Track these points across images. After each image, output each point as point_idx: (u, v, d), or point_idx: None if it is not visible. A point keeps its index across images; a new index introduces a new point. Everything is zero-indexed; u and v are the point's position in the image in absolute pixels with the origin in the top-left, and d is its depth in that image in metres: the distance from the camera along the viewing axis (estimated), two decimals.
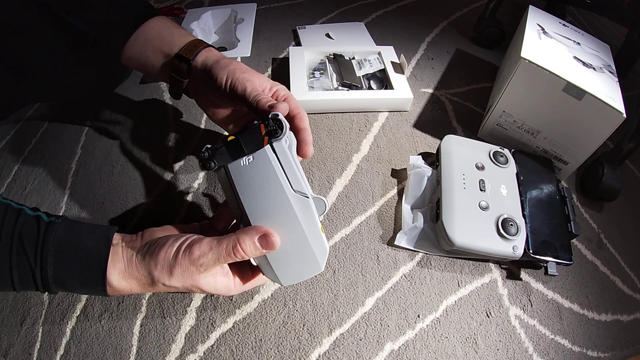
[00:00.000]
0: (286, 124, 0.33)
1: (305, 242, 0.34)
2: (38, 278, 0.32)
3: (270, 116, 0.34)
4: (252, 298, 0.41)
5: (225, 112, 0.47)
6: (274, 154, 0.33)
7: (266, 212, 0.33)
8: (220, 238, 0.34)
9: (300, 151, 0.40)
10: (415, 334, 0.40)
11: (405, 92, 0.60)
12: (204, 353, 0.38)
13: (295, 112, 0.40)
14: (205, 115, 0.59)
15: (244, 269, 0.38)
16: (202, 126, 0.57)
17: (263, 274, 0.36)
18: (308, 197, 0.33)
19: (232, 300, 0.41)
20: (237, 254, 0.33)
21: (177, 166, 0.52)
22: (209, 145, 0.34)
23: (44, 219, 0.34)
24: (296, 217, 0.33)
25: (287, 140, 0.34)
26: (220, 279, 0.35)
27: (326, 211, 0.35)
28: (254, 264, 0.37)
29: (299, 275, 0.35)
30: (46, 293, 0.40)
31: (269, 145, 0.33)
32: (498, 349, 0.40)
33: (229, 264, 0.36)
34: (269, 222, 0.33)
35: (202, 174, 0.51)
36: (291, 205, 0.33)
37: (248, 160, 0.33)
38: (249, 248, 0.33)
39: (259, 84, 0.41)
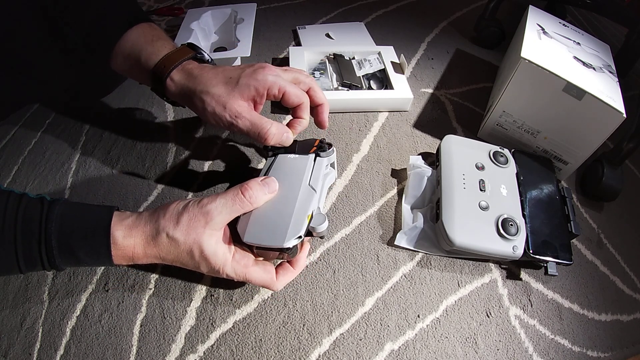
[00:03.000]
0: (334, 150, 0.45)
1: (287, 216, 0.37)
2: (43, 250, 0.32)
3: (326, 141, 0.45)
4: (252, 298, 0.41)
5: None
6: (313, 162, 0.42)
7: (280, 183, 0.39)
8: (227, 189, 0.37)
9: (292, 127, 0.44)
10: (415, 334, 0.40)
11: (405, 92, 0.60)
12: (204, 353, 0.38)
13: (296, 105, 0.43)
14: None
15: (247, 259, 0.37)
16: (202, 126, 0.57)
17: (236, 225, 0.37)
18: (315, 192, 0.39)
19: (232, 300, 0.41)
20: (246, 194, 0.36)
21: (177, 166, 0.52)
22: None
23: (47, 199, 0.34)
24: (297, 196, 0.38)
25: (328, 160, 0.44)
26: (221, 247, 0.36)
27: (324, 227, 0.39)
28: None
29: (262, 238, 0.36)
30: (47, 292, 0.41)
31: (313, 155, 0.43)
32: (498, 349, 0.40)
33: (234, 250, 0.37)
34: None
35: (202, 174, 0.52)
36: (300, 188, 0.39)
37: (294, 157, 0.43)
38: (255, 186, 0.36)
39: (251, 97, 0.40)
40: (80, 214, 0.35)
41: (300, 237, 0.36)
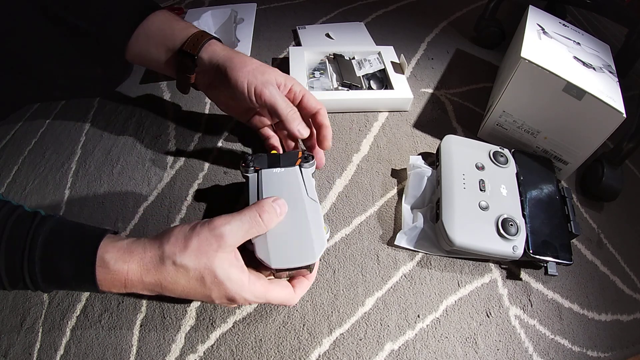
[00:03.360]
0: (315, 160, 0.44)
1: (306, 231, 0.37)
2: (25, 266, 0.30)
3: (306, 152, 0.44)
4: None
5: (240, 107, 0.49)
6: (300, 173, 0.42)
7: None
8: (240, 210, 0.35)
9: (321, 144, 0.47)
10: (415, 334, 0.40)
11: (405, 92, 0.60)
12: (204, 353, 0.38)
13: (316, 109, 0.46)
14: (205, 116, 0.59)
15: (262, 279, 0.36)
16: (202, 127, 0.57)
17: (255, 254, 0.35)
18: (317, 202, 0.39)
19: None
20: (264, 217, 0.34)
21: (177, 166, 0.52)
22: (250, 155, 0.43)
23: (41, 213, 0.32)
24: (305, 211, 0.38)
25: (311, 170, 0.43)
26: (235, 270, 0.33)
27: (327, 235, 0.41)
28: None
29: (290, 260, 0.35)
30: (45, 295, 0.41)
31: (298, 166, 0.42)
32: (498, 349, 0.40)
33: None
34: None
35: (202, 174, 0.51)
36: (304, 203, 0.39)
37: (280, 171, 0.42)
38: (270, 208, 0.35)
39: (277, 83, 0.44)
40: (70, 232, 0.32)
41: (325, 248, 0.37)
